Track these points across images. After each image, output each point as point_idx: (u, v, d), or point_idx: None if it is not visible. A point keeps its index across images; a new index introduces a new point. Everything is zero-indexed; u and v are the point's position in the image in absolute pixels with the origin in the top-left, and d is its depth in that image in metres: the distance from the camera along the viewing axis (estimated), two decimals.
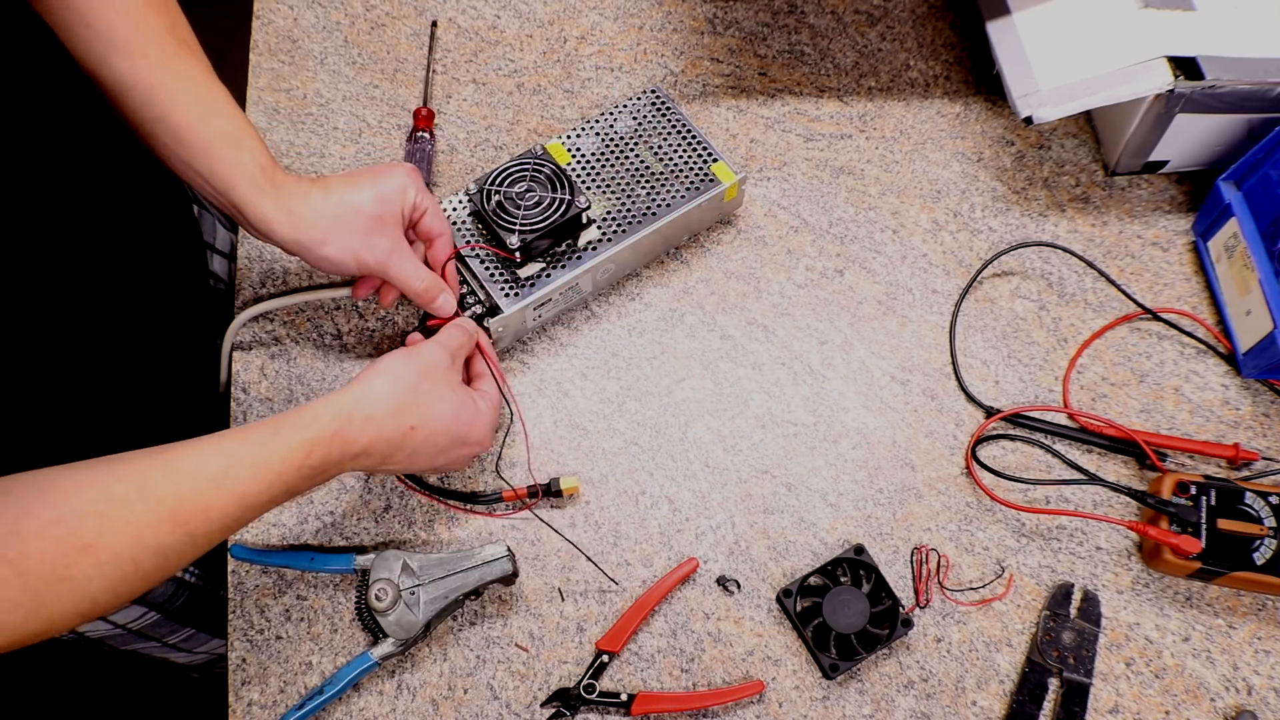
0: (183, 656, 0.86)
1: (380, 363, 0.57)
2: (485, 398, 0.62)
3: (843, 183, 0.79)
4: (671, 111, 0.75)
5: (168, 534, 0.46)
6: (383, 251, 0.61)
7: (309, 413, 0.53)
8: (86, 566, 0.44)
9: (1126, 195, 0.78)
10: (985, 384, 0.71)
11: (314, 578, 0.65)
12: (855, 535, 0.66)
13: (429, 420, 0.57)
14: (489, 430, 0.61)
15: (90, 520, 0.44)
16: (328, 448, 0.53)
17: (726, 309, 0.74)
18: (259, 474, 0.50)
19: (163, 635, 0.80)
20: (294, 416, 0.53)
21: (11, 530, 0.42)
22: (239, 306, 0.74)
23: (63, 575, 0.43)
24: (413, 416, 0.56)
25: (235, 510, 0.49)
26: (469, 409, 0.59)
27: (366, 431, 0.54)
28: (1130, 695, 0.61)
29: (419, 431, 0.56)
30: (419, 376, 0.57)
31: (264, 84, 0.83)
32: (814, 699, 0.61)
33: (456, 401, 0.58)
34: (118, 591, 0.45)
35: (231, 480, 0.49)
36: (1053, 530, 0.66)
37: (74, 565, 0.43)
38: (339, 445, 0.53)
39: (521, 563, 0.65)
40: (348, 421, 0.54)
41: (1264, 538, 0.61)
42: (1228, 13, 0.71)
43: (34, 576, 0.42)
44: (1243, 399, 0.70)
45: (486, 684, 0.62)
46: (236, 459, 0.50)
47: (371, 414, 0.55)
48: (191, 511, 0.47)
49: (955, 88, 0.84)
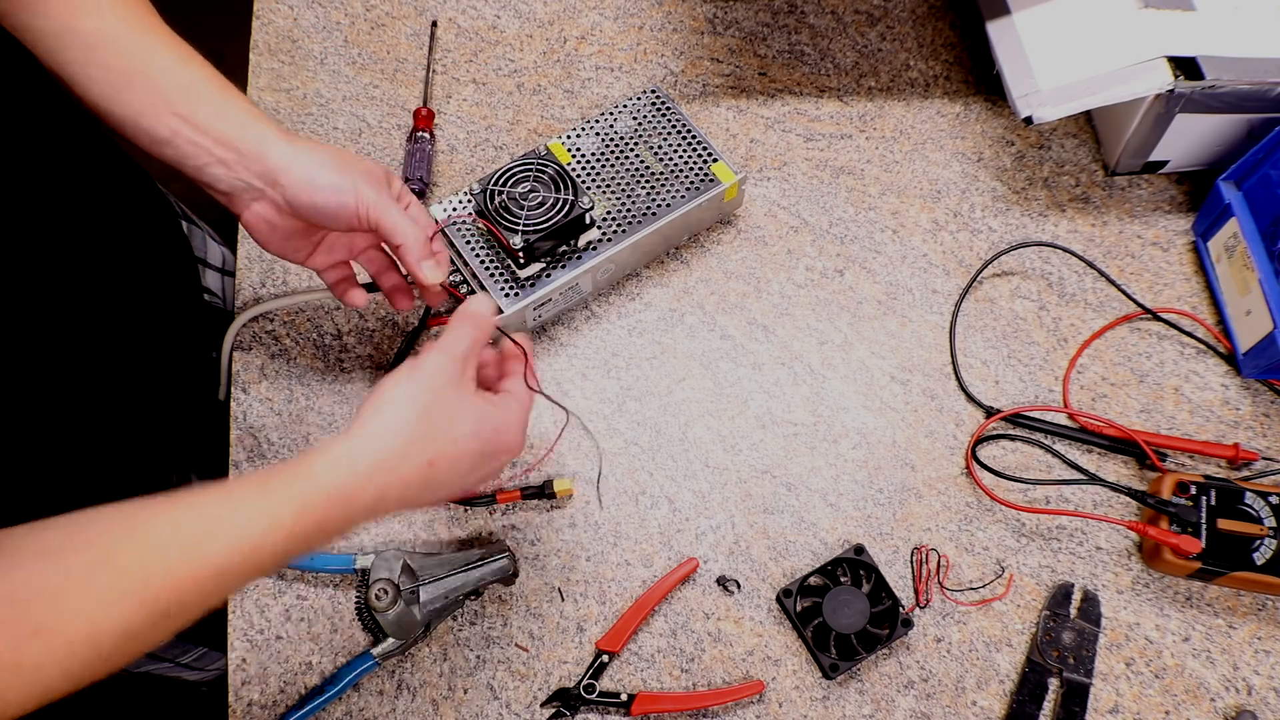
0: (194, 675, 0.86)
1: (379, 392, 0.49)
2: (510, 400, 0.54)
3: (843, 183, 0.79)
4: (671, 111, 0.75)
5: (133, 612, 0.40)
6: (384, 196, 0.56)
7: (301, 466, 0.46)
8: (37, 653, 0.38)
9: (1126, 195, 0.78)
10: (985, 384, 0.71)
11: (314, 578, 0.65)
12: (855, 535, 0.66)
13: (449, 447, 0.49)
14: (520, 433, 0.54)
15: (45, 599, 0.39)
16: (324, 510, 0.45)
17: (726, 309, 0.74)
18: (238, 543, 0.43)
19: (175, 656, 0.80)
20: (286, 470, 0.46)
21: None
22: (239, 307, 0.74)
23: (11, 663, 0.38)
24: (430, 449, 0.48)
25: (212, 583, 0.42)
26: (493, 418, 0.52)
27: (375, 481, 0.46)
28: (1130, 695, 0.61)
29: (440, 463, 0.49)
30: (428, 398, 0.49)
31: (264, 84, 0.83)
32: (814, 699, 0.61)
33: (477, 414, 0.51)
34: (75, 677, 0.40)
35: (205, 549, 0.42)
36: (1053, 530, 0.66)
37: (23, 651, 0.38)
38: (339, 504, 0.45)
39: (521, 563, 0.65)
40: (349, 475, 0.46)
41: (1264, 538, 0.61)
42: (1228, 13, 0.71)
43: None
44: (1243, 399, 0.70)
45: (486, 684, 0.62)
46: (214, 524, 0.43)
47: (377, 459, 0.47)
48: (161, 587, 0.41)
49: (955, 88, 0.84)
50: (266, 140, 0.55)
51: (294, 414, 0.70)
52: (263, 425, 0.69)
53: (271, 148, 0.54)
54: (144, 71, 0.54)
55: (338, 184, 0.55)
